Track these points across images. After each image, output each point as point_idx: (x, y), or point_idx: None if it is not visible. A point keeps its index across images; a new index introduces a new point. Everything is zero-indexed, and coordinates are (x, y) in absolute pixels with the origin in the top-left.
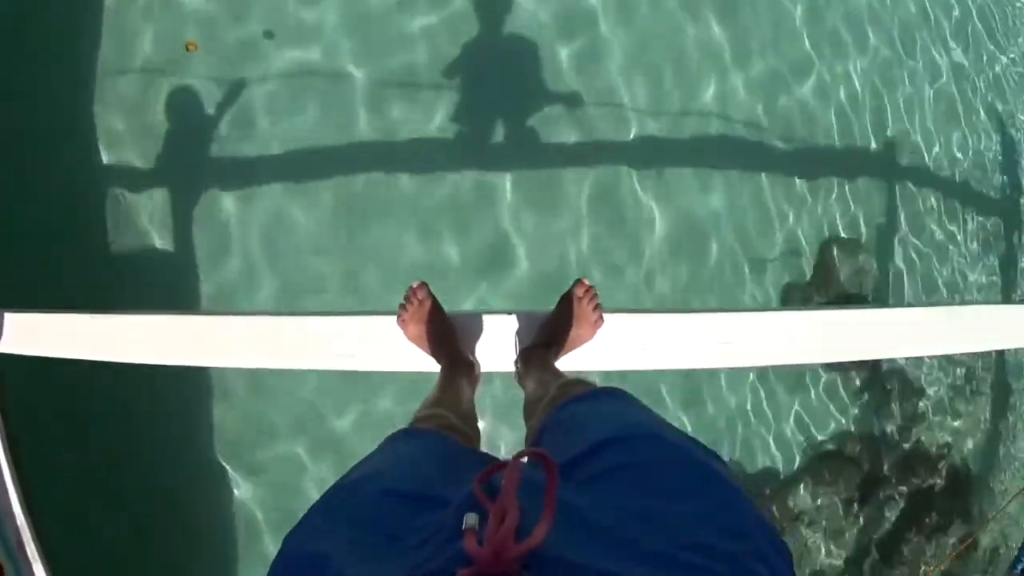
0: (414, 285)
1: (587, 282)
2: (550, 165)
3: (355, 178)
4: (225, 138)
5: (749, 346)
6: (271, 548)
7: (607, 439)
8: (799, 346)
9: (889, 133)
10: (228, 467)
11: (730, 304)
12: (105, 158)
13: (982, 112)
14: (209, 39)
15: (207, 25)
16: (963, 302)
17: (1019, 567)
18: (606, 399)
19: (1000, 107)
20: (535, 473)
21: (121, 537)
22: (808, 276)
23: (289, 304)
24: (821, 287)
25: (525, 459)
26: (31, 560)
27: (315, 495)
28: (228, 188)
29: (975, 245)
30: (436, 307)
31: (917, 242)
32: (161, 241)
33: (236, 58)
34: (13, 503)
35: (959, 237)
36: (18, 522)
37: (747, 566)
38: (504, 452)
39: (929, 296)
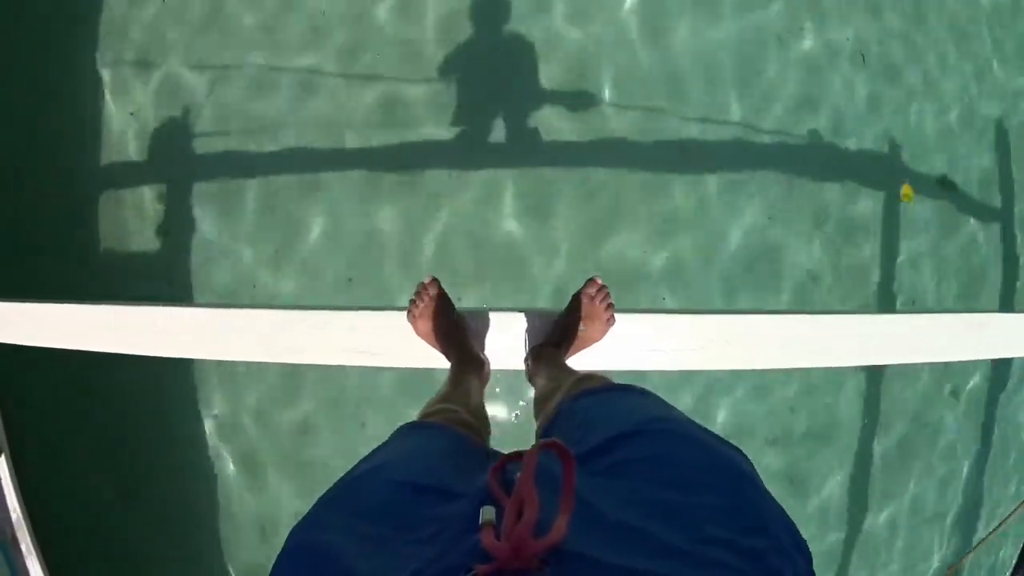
0: (425, 281)
1: (599, 281)
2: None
3: (353, 174)
4: (222, 133)
5: (762, 349)
6: (278, 540)
7: (625, 432)
8: (814, 349)
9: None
10: (230, 457)
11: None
12: (102, 152)
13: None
14: (207, 29)
15: (207, 15)
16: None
17: None
18: (623, 394)
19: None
20: (550, 465)
21: (118, 526)
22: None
23: (299, 301)
24: None
25: (541, 450)
26: (26, 554)
27: (322, 486)
28: (228, 184)
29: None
30: (447, 303)
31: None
32: (159, 238)
33: (233, 51)
34: (9, 498)
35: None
36: (13, 516)
37: (769, 563)
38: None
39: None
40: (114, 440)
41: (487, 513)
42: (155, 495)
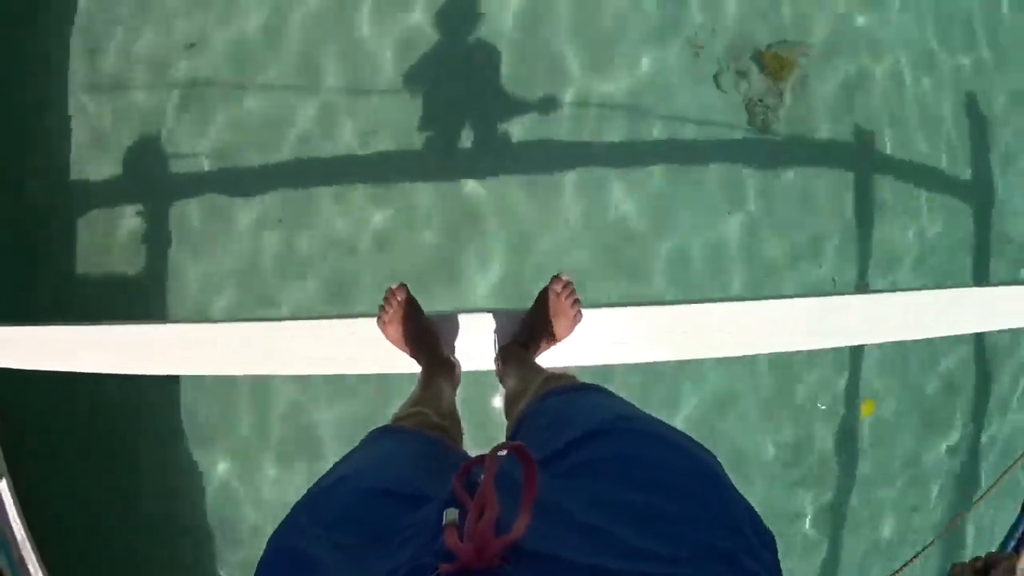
0: (393, 287)
1: (565, 277)
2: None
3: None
4: (195, 151)
5: (728, 336)
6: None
7: (591, 431)
8: (782, 333)
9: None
10: (229, 457)
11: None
12: (72, 170)
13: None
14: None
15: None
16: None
17: (1011, 544)
18: (589, 393)
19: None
20: (513, 468)
21: (118, 526)
22: None
23: (280, 313)
24: None
25: (503, 453)
26: (25, 555)
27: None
28: (199, 200)
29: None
30: (415, 308)
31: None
32: (130, 254)
33: (208, 68)
34: (12, 518)
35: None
36: (11, 514)
37: (743, 565)
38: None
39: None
40: (114, 441)
41: (450, 515)
42: (155, 496)
